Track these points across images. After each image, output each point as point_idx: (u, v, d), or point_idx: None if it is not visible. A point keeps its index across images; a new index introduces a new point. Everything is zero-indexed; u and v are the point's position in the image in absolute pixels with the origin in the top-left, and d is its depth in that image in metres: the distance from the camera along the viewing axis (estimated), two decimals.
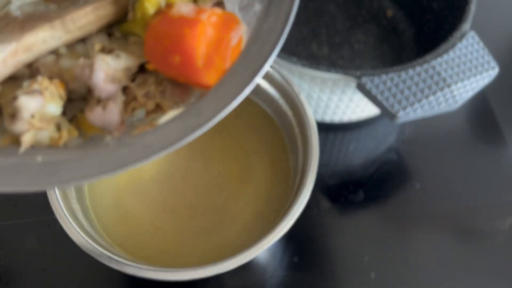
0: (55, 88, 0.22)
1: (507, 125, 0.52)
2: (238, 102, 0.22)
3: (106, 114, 0.23)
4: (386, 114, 0.40)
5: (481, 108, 0.53)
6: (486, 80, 0.42)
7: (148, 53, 0.24)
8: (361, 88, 0.41)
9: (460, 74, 0.41)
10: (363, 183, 0.48)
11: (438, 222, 0.46)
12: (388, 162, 0.49)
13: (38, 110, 0.22)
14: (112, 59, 0.23)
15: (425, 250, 0.44)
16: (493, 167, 0.50)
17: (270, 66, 0.38)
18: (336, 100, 0.45)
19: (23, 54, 0.22)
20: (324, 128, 0.50)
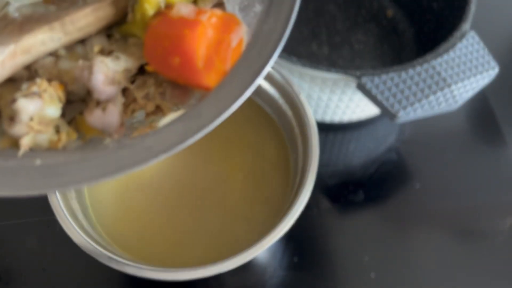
0: (54, 90, 0.22)
1: (507, 125, 0.52)
2: (239, 104, 0.22)
3: (106, 116, 0.23)
4: (386, 114, 0.40)
5: (481, 108, 0.53)
6: (486, 80, 0.42)
7: (148, 54, 0.24)
8: (361, 88, 0.40)
9: (460, 74, 0.41)
10: (363, 183, 0.48)
11: (438, 222, 0.46)
12: (388, 162, 0.49)
13: (37, 113, 0.21)
14: (112, 61, 0.23)
15: (425, 250, 0.44)
16: (493, 167, 0.49)
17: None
18: (336, 100, 0.45)
19: (22, 56, 0.22)
20: (324, 128, 0.50)
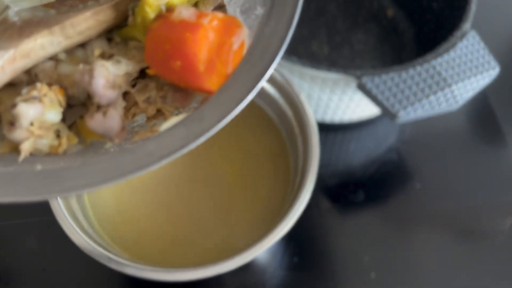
0: (54, 95, 0.22)
1: (508, 125, 0.52)
2: (241, 107, 0.22)
3: (107, 120, 0.23)
4: (387, 114, 0.40)
5: (481, 108, 0.53)
6: (487, 80, 0.42)
7: (149, 58, 0.23)
8: (361, 87, 0.40)
9: (461, 74, 0.41)
10: (363, 183, 0.48)
11: (438, 222, 0.46)
12: (389, 162, 0.49)
13: (37, 118, 0.21)
14: (112, 65, 0.23)
15: (425, 250, 0.44)
16: (493, 167, 0.49)
17: None
18: (336, 100, 0.45)
19: (22, 60, 0.22)
20: (324, 128, 0.50)
